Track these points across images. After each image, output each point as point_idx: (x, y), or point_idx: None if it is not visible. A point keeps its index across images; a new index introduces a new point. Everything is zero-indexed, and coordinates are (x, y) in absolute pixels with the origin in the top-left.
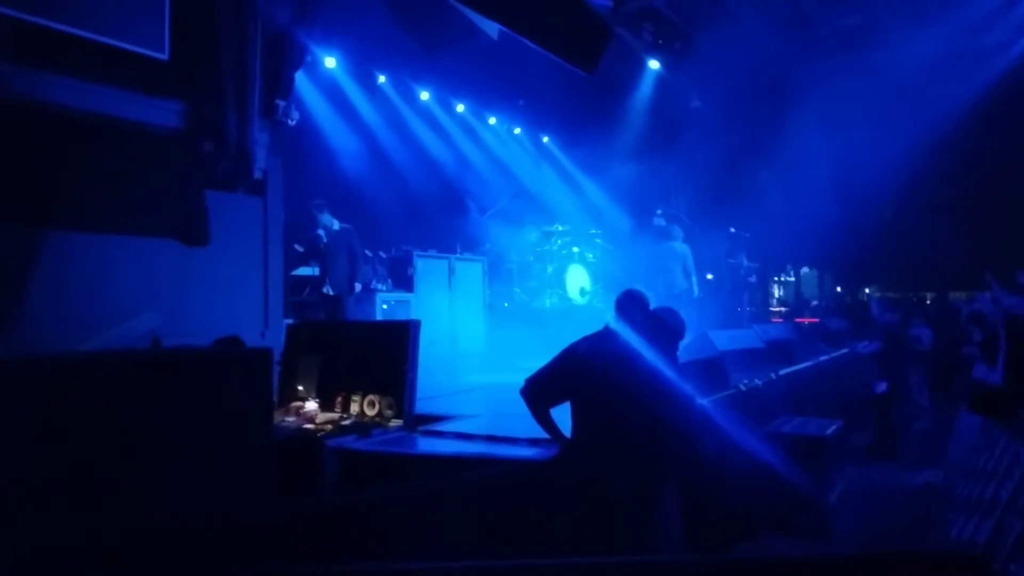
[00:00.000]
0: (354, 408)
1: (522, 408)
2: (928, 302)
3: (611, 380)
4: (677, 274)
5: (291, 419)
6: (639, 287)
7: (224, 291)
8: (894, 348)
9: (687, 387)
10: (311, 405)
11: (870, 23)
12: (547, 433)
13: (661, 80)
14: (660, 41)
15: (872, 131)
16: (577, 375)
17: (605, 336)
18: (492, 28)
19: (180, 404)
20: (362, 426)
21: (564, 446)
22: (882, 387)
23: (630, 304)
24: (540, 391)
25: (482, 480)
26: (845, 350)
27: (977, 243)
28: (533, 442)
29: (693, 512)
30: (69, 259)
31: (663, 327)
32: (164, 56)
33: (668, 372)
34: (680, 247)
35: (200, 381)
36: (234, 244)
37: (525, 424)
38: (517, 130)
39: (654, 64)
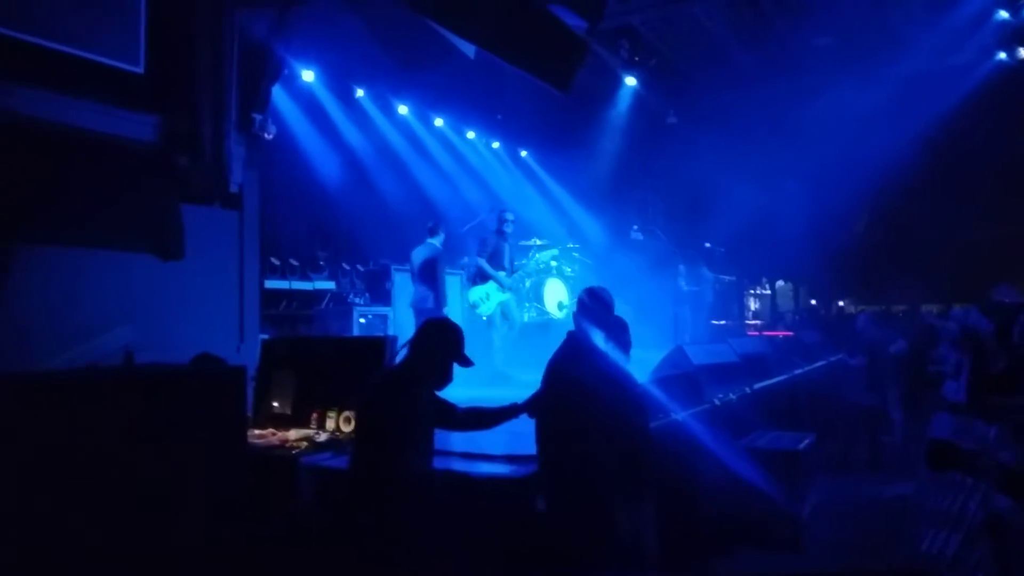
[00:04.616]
0: (330, 424)
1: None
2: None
3: (553, 393)
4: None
5: (265, 436)
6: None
7: (199, 306)
8: (879, 363)
9: (644, 398)
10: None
11: (841, 43)
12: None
13: (638, 96)
14: (636, 58)
15: (844, 148)
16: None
17: (562, 348)
18: (469, 47)
19: (152, 421)
20: (338, 443)
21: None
22: (870, 401)
23: (593, 303)
24: None
25: (458, 500)
26: (820, 363)
27: (947, 257)
28: (510, 459)
29: (669, 527)
30: (41, 273)
31: (622, 326)
32: (139, 69)
33: (622, 382)
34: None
35: (173, 398)
36: (209, 258)
37: (502, 440)
38: (495, 144)
39: (631, 80)
